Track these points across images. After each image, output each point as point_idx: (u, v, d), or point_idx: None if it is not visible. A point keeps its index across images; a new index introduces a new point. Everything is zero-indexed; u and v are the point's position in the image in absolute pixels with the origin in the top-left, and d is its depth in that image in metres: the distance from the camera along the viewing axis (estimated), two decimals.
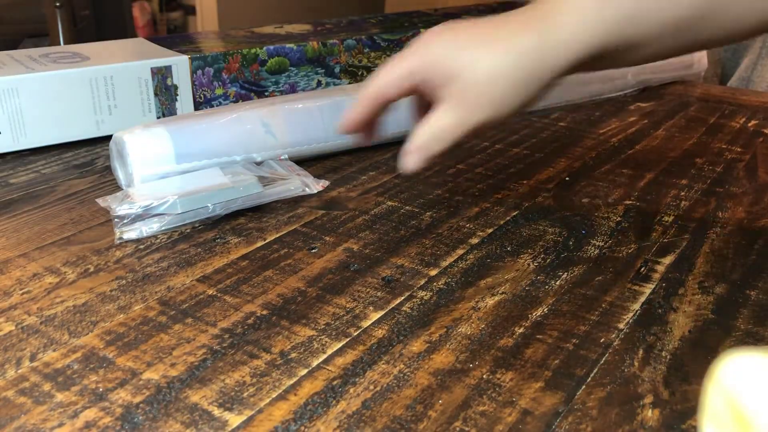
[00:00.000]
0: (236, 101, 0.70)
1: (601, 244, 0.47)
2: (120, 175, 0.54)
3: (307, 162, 0.60)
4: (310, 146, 0.59)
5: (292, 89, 0.73)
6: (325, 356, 0.36)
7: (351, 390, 0.33)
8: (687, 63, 0.86)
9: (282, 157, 0.55)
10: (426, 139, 0.42)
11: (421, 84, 0.42)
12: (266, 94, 0.71)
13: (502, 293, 0.41)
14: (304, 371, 0.35)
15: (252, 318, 0.39)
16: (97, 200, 0.50)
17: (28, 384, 0.34)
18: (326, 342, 0.37)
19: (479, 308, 0.40)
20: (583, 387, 0.34)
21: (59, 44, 0.95)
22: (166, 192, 0.48)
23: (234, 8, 0.99)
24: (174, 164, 0.53)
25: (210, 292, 0.41)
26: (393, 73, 0.42)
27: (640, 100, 0.81)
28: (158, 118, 0.66)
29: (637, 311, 0.40)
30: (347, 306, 0.40)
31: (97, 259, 0.44)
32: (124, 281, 0.42)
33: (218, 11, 0.97)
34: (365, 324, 0.38)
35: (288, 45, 0.72)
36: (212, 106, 0.69)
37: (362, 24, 0.83)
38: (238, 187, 0.49)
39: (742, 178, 0.58)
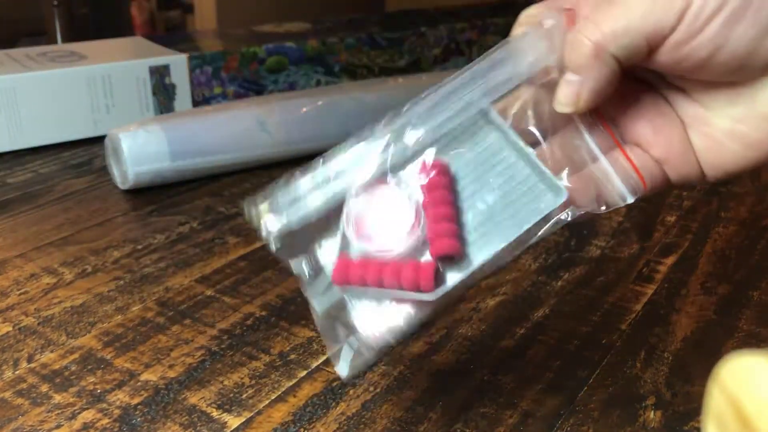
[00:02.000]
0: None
1: (603, 244, 0.47)
2: (115, 172, 0.54)
3: (305, 161, 0.60)
4: (307, 145, 0.59)
5: (292, 88, 0.72)
6: (324, 357, 0.35)
7: (351, 391, 0.33)
8: None
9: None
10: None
11: None
12: (265, 93, 0.71)
13: (504, 294, 0.41)
14: (304, 372, 0.34)
15: (251, 319, 0.38)
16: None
17: (25, 385, 0.33)
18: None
19: (480, 309, 0.39)
20: (585, 388, 0.34)
21: (57, 43, 0.95)
22: None
23: (233, 6, 0.98)
24: (169, 162, 0.53)
25: (208, 292, 0.41)
26: None
27: None
28: None
29: (639, 312, 0.39)
30: None
31: (94, 260, 0.44)
32: (122, 282, 0.42)
33: (217, 10, 0.97)
34: None
35: (287, 43, 0.71)
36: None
37: (362, 22, 0.82)
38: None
39: (744, 177, 0.58)
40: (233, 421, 0.31)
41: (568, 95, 0.28)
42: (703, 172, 0.30)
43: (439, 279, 0.26)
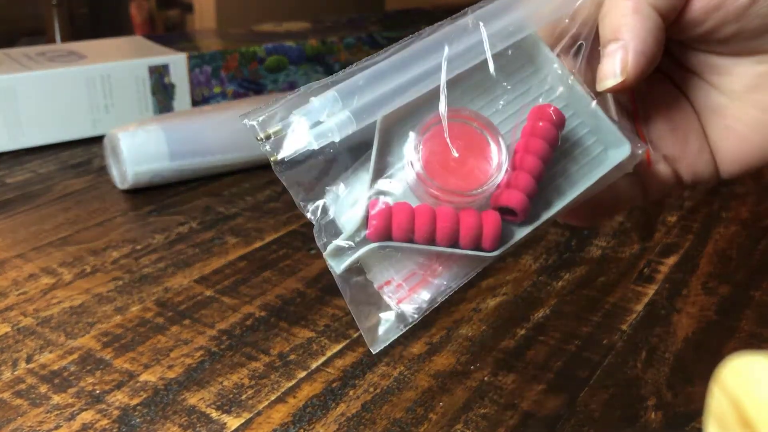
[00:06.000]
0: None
1: (603, 244, 0.46)
2: (114, 172, 0.53)
3: None
4: None
5: (291, 88, 0.72)
6: (324, 358, 0.35)
7: (350, 392, 0.33)
8: None
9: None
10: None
11: None
12: (265, 92, 0.71)
13: (504, 294, 0.41)
14: (303, 373, 0.34)
15: (250, 319, 0.38)
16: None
17: (24, 386, 0.33)
18: (325, 344, 0.36)
19: (480, 309, 0.39)
20: (586, 389, 0.33)
21: (56, 42, 0.94)
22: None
23: (232, 6, 0.98)
24: (168, 162, 0.52)
25: (208, 293, 0.41)
26: None
27: None
28: None
29: (640, 312, 0.39)
30: (347, 307, 0.39)
31: (93, 260, 0.44)
32: (121, 282, 0.42)
33: (216, 9, 0.97)
34: None
35: (287, 43, 0.71)
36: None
37: (362, 22, 0.82)
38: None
39: (745, 177, 0.58)
40: (232, 422, 0.31)
41: (614, 64, 0.25)
42: (717, 170, 0.29)
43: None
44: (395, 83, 0.24)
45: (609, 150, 0.26)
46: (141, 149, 0.52)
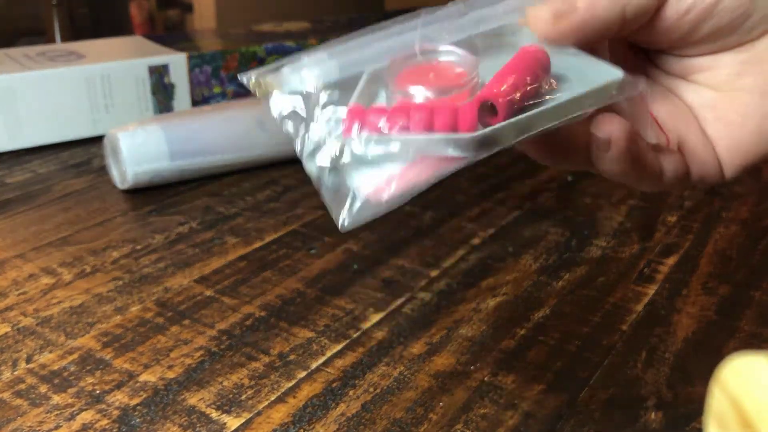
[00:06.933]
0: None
1: (603, 244, 0.46)
2: (114, 172, 0.53)
3: None
4: None
5: None
6: (324, 358, 0.35)
7: (350, 392, 0.33)
8: None
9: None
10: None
11: None
12: None
13: (504, 294, 0.41)
14: (303, 373, 0.34)
15: (250, 319, 0.38)
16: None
17: (24, 386, 0.33)
18: (325, 344, 0.36)
19: (480, 309, 0.39)
20: (586, 389, 0.33)
21: (56, 42, 0.94)
22: None
23: (232, 6, 0.98)
24: (168, 161, 0.52)
25: (208, 293, 0.41)
26: None
27: None
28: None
29: (640, 312, 0.39)
30: (347, 307, 0.39)
31: (93, 260, 0.44)
32: (121, 282, 0.42)
33: (216, 9, 0.97)
34: (365, 325, 0.38)
35: (287, 43, 0.71)
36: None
37: (361, 22, 0.82)
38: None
39: (745, 177, 0.58)
40: (232, 422, 0.31)
41: (548, 9, 0.26)
42: (721, 167, 0.28)
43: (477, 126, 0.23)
44: (384, 45, 0.26)
45: (603, 78, 0.25)
46: (141, 149, 0.52)
